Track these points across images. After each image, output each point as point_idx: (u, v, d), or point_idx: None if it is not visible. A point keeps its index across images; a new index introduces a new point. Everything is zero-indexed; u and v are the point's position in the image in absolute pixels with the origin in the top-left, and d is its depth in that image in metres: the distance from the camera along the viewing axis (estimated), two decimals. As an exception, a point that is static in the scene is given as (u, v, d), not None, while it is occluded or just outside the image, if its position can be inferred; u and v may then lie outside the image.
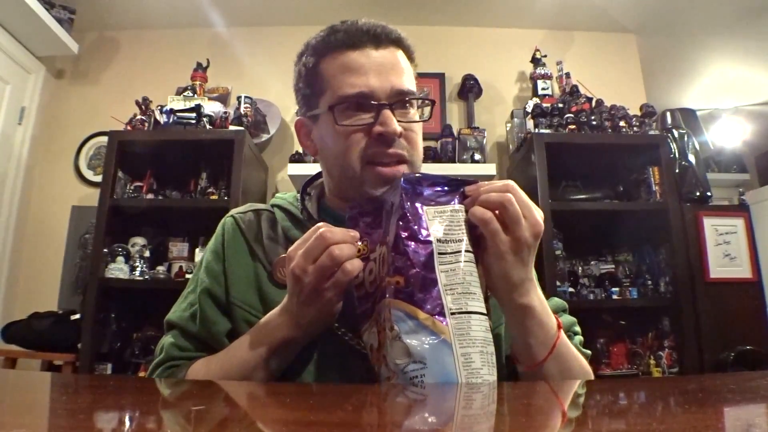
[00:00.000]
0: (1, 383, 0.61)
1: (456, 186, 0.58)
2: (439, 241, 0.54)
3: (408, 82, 0.70)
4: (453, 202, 0.57)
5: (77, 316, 2.21)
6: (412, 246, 0.53)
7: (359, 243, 0.59)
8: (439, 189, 0.57)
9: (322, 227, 0.57)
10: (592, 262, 2.35)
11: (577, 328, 0.75)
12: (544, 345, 0.59)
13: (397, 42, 0.72)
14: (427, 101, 0.74)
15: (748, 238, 2.26)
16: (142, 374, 2.04)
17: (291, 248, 0.59)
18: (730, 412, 0.41)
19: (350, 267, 0.56)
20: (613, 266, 2.35)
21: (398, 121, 0.68)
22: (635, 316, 2.30)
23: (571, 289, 2.20)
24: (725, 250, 2.24)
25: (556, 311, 0.74)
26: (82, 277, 2.44)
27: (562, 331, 0.61)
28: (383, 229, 0.59)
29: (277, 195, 0.83)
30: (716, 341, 2.10)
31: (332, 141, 0.70)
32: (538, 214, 0.57)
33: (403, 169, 0.69)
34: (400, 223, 0.55)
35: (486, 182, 0.58)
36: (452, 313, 0.51)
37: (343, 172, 0.71)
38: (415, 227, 0.54)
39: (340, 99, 0.67)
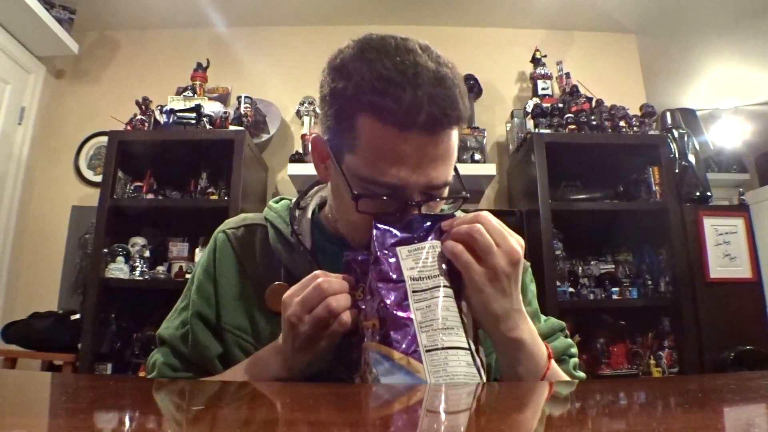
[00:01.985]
0: (1, 383, 0.61)
1: (431, 224, 0.57)
2: (413, 279, 0.54)
3: (448, 172, 0.62)
4: (429, 239, 0.56)
5: (77, 316, 2.20)
6: (385, 287, 0.53)
7: (355, 289, 0.58)
8: (416, 227, 0.57)
9: (320, 276, 0.57)
10: (592, 262, 2.35)
11: (574, 350, 0.75)
12: (534, 375, 0.58)
13: (456, 121, 0.59)
14: (459, 198, 0.67)
15: (748, 238, 2.26)
16: (142, 374, 2.04)
17: (287, 294, 0.58)
18: (730, 412, 0.40)
19: (346, 318, 0.55)
20: (613, 266, 2.35)
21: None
22: (635, 316, 2.30)
23: (571, 289, 2.20)
24: (725, 250, 2.23)
25: (553, 333, 0.73)
26: (82, 277, 2.44)
27: (552, 361, 0.60)
28: None
29: (269, 204, 0.79)
30: (716, 341, 2.09)
31: (346, 205, 0.63)
32: (514, 241, 0.55)
33: None
34: (372, 266, 0.55)
35: (461, 216, 0.58)
36: (427, 351, 0.51)
37: (347, 229, 0.68)
38: (387, 269, 0.54)
39: (366, 181, 0.59)
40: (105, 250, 2.17)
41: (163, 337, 0.74)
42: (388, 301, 0.53)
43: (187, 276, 2.18)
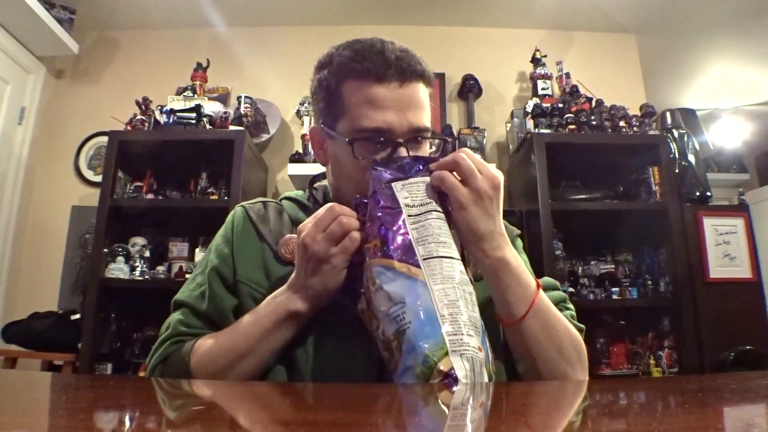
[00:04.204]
0: (1, 383, 0.61)
1: (422, 164, 0.65)
2: (407, 206, 0.61)
3: (426, 118, 0.72)
4: (421, 176, 0.64)
5: (77, 316, 2.21)
6: (383, 213, 0.61)
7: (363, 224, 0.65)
8: (408, 168, 0.65)
9: (332, 203, 0.64)
10: (592, 262, 2.35)
11: (570, 304, 0.78)
12: (523, 301, 0.62)
13: (421, 76, 0.72)
14: (442, 139, 0.78)
15: (748, 238, 2.26)
16: (142, 374, 2.04)
17: (303, 223, 0.65)
18: (730, 412, 0.41)
19: (356, 235, 0.62)
20: (613, 266, 2.35)
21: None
22: (635, 316, 2.29)
23: (571, 289, 2.20)
24: (725, 250, 2.23)
25: (546, 288, 0.75)
26: (82, 277, 2.44)
27: (541, 291, 0.64)
28: None
29: (285, 194, 0.87)
30: (716, 341, 2.09)
31: (347, 167, 0.71)
32: (494, 168, 0.63)
33: None
34: (371, 199, 0.63)
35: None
36: (424, 259, 0.57)
37: (349, 189, 0.73)
38: (384, 200, 0.62)
39: (358, 131, 0.69)
40: (105, 250, 2.17)
41: (180, 300, 0.77)
42: (386, 224, 0.60)
43: (187, 276, 2.18)
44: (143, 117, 2.35)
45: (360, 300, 0.62)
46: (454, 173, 0.62)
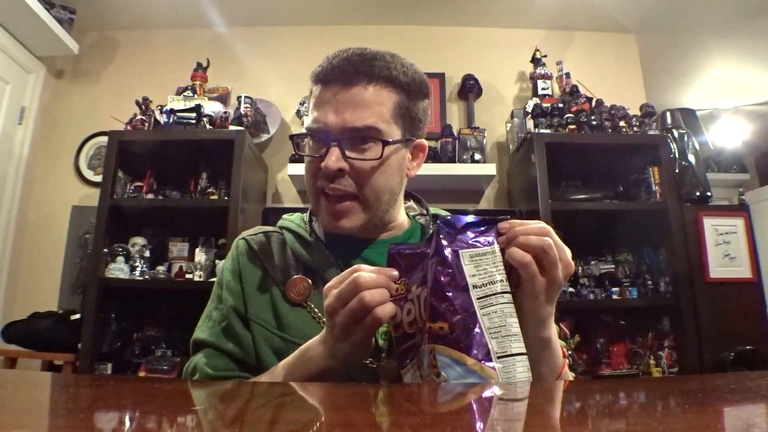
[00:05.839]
0: (1, 383, 0.61)
1: (489, 224, 0.58)
2: (476, 286, 0.54)
3: (368, 118, 0.70)
4: (488, 243, 0.57)
5: (77, 316, 2.20)
6: (453, 291, 0.54)
7: (397, 282, 0.59)
8: (474, 229, 0.58)
9: (358, 270, 0.58)
10: (592, 262, 2.35)
11: (566, 352, 0.78)
12: (552, 373, 0.63)
13: (369, 76, 0.71)
14: (375, 140, 0.71)
15: (748, 238, 2.26)
16: (142, 374, 2.04)
17: (328, 285, 0.60)
18: (730, 412, 0.40)
19: (380, 313, 0.56)
20: (613, 266, 2.35)
21: (348, 157, 0.70)
22: (635, 316, 2.29)
23: (571, 289, 2.20)
24: (725, 250, 2.23)
25: None
26: (82, 277, 2.44)
27: (566, 361, 0.65)
28: (423, 272, 0.59)
29: (284, 216, 0.86)
30: (716, 341, 2.09)
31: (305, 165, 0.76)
32: (569, 255, 0.59)
33: (351, 205, 0.73)
34: (439, 268, 0.55)
35: (518, 221, 0.58)
36: (498, 357, 0.52)
37: (310, 189, 0.77)
38: (454, 272, 0.54)
39: (305, 130, 0.74)
40: (105, 250, 2.17)
41: (201, 339, 0.75)
42: (457, 306, 0.53)
43: (188, 276, 2.18)
44: (143, 117, 2.35)
45: (406, 372, 0.58)
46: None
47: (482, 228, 0.58)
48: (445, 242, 0.56)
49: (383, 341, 0.68)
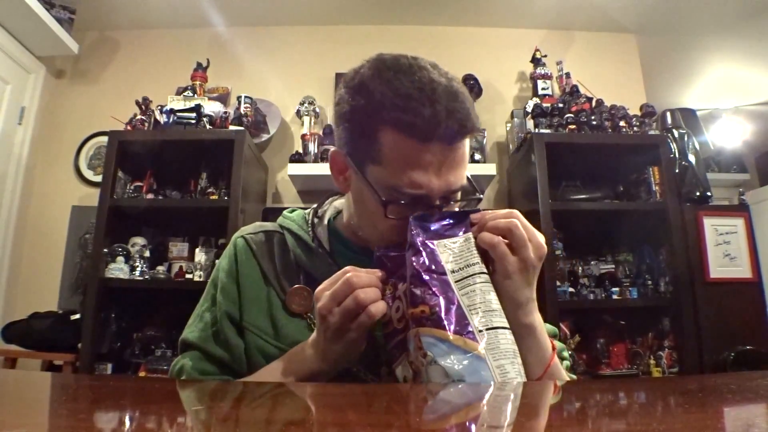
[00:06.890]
0: (1, 383, 0.61)
1: (462, 217, 0.62)
2: (452, 271, 0.57)
3: (463, 176, 0.67)
4: (461, 232, 0.61)
5: (77, 316, 2.20)
6: (430, 276, 0.57)
7: (385, 284, 0.61)
8: (446, 223, 0.61)
9: (350, 271, 0.59)
10: (592, 262, 2.35)
11: (566, 354, 0.78)
12: (540, 364, 0.62)
13: (471, 130, 0.64)
14: (474, 199, 0.70)
15: (748, 238, 2.26)
16: (142, 374, 2.04)
17: (319, 288, 0.61)
18: (730, 412, 0.41)
19: (374, 310, 0.58)
20: (613, 266, 2.35)
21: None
22: (635, 316, 2.29)
23: (571, 289, 2.20)
24: (725, 250, 2.23)
25: (549, 336, 0.75)
26: (82, 277, 2.44)
27: (555, 353, 0.65)
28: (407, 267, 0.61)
29: (284, 213, 0.82)
30: (716, 341, 2.09)
31: (374, 217, 0.67)
32: (541, 238, 0.61)
33: None
34: (414, 258, 0.58)
35: (489, 211, 0.63)
36: (480, 331, 0.54)
37: (372, 234, 0.70)
38: (428, 260, 0.58)
39: (394, 189, 0.63)
40: (105, 250, 2.17)
41: (190, 341, 0.73)
42: (434, 289, 0.56)
43: (188, 276, 2.18)
44: (143, 117, 2.35)
45: (397, 365, 0.60)
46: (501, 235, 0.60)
47: (454, 220, 0.61)
48: (419, 236, 0.59)
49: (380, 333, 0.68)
